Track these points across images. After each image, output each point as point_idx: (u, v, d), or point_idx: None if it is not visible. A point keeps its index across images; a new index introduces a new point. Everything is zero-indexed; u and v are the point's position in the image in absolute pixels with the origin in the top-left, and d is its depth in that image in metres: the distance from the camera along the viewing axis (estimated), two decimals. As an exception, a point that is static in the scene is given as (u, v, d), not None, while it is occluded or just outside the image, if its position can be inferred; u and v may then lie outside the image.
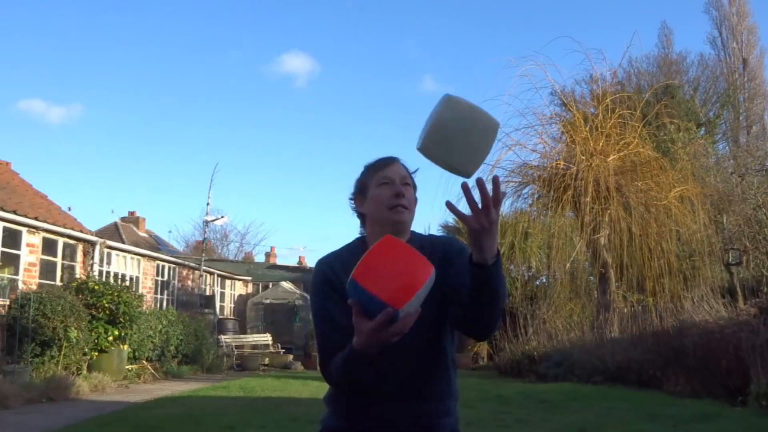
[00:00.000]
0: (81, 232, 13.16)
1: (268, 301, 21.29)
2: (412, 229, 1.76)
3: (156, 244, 25.98)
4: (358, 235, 1.78)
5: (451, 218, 18.72)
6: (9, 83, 42.85)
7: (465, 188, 1.38)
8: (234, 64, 50.05)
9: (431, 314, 1.56)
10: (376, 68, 51.87)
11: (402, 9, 49.78)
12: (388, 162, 1.74)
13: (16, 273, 11.35)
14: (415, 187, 1.76)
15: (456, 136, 1.41)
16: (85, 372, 10.83)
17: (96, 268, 13.43)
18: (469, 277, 1.45)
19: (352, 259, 1.53)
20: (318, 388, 1.81)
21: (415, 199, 1.77)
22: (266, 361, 17.98)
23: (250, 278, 23.60)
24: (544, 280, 18.00)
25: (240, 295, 23.14)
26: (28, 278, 11.39)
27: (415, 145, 1.44)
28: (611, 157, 13.73)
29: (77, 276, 12.71)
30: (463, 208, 1.43)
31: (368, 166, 1.77)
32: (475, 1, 49.20)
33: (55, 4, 42.90)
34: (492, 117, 1.43)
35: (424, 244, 1.70)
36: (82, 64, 44.90)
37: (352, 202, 1.78)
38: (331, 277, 1.65)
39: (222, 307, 21.35)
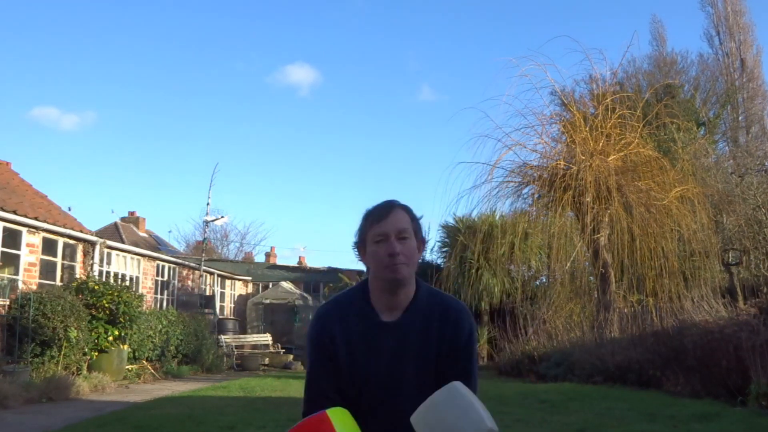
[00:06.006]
0: (81, 232, 13.15)
1: (268, 301, 21.29)
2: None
3: (156, 244, 25.98)
4: (365, 278, 1.79)
5: (451, 218, 18.71)
6: (10, 86, 42.96)
7: None
8: (240, 74, 50.64)
9: (427, 377, 1.62)
10: (376, 78, 52.55)
11: (402, 17, 50.23)
12: (383, 214, 1.68)
13: (16, 273, 11.34)
14: (418, 231, 1.73)
15: None
16: (85, 372, 10.83)
17: (96, 268, 13.43)
18: None
19: (351, 313, 1.65)
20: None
21: (422, 241, 1.74)
22: (266, 361, 17.98)
23: (250, 278, 23.60)
24: (544, 280, 18.01)
25: (240, 295, 23.14)
26: (28, 278, 11.39)
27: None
28: (611, 157, 13.71)
29: (77, 276, 12.70)
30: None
31: (367, 214, 1.73)
32: (473, 2, 49.39)
33: (65, 12, 43.00)
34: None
35: (433, 305, 1.71)
36: (88, 70, 45.24)
37: (356, 251, 1.76)
38: (327, 344, 1.69)
39: (222, 307, 21.34)
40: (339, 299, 1.78)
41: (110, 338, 11.58)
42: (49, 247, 12.23)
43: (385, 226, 1.66)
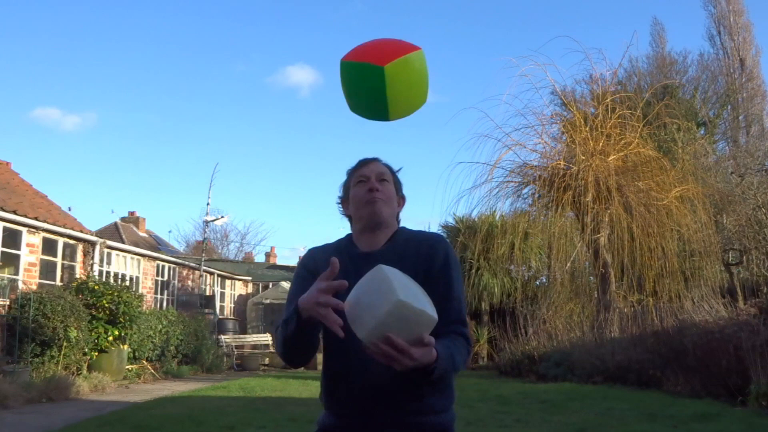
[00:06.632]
0: (81, 232, 13.15)
1: (268, 301, 21.29)
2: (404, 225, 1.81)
3: (156, 244, 25.98)
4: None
5: (450, 218, 18.71)
6: (12, 87, 42.99)
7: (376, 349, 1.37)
8: (240, 75, 50.71)
9: None
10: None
11: (401, 19, 50.28)
12: (365, 162, 1.79)
13: (16, 273, 11.34)
14: (398, 185, 1.81)
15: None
16: (85, 372, 10.83)
17: (96, 268, 13.43)
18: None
19: (335, 252, 1.64)
20: (318, 388, 1.80)
21: (402, 197, 1.81)
22: (266, 361, 17.99)
23: (250, 278, 23.59)
24: (544, 280, 18.00)
25: (240, 295, 23.13)
26: (28, 278, 11.39)
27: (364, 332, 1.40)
28: (611, 157, 13.71)
29: (77, 276, 12.70)
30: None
31: (349, 169, 1.82)
32: (473, 4, 49.45)
33: (67, 13, 43.03)
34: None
35: (410, 238, 1.75)
36: (90, 71, 45.29)
37: (340, 206, 1.83)
38: (310, 266, 1.73)
39: (222, 307, 21.34)
40: (326, 244, 1.84)
41: (110, 338, 11.58)
42: (49, 247, 12.23)
43: (365, 170, 1.75)
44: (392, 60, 1.46)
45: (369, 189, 1.71)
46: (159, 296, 17.39)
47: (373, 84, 1.51)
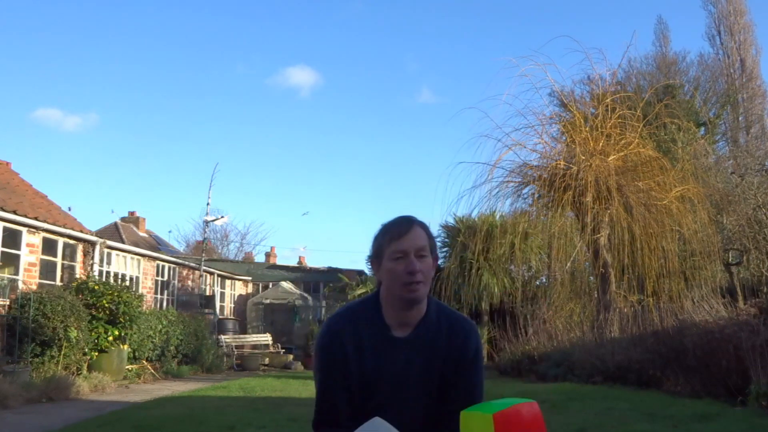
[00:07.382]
0: (81, 232, 13.15)
1: (268, 301, 21.30)
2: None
3: (156, 244, 25.98)
4: (376, 290, 1.78)
5: (451, 218, 18.69)
6: (13, 87, 42.98)
7: None
8: (241, 76, 50.83)
9: (431, 388, 1.61)
10: (376, 79, 52.76)
11: (401, 19, 50.40)
12: (403, 230, 1.67)
13: (16, 273, 11.34)
14: (433, 249, 1.72)
15: None
16: (85, 372, 10.83)
17: (96, 268, 13.43)
18: None
19: (362, 324, 1.65)
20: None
21: (435, 258, 1.74)
22: (266, 361, 17.98)
23: (250, 278, 23.59)
24: (544, 280, 17.99)
25: (240, 295, 23.13)
26: (28, 278, 11.39)
27: None
28: (611, 157, 13.70)
29: (77, 276, 12.70)
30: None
31: (385, 228, 1.72)
32: (473, 4, 49.48)
33: (69, 13, 43.04)
34: None
35: (442, 322, 1.72)
36: (91, 71, 45.38)
37: (370, 264, 1.77)
38: (336, 351, 1.69)
39: (222, 307, 21.34)
40: (351, 309, 1.77)
41: (110, 338, 11.58)
42: (49, 247, 12.23)
43: (404, 244, 1.65)
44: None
45: (409, 272, 1.62)
46: (159, 296, 17.38)
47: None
